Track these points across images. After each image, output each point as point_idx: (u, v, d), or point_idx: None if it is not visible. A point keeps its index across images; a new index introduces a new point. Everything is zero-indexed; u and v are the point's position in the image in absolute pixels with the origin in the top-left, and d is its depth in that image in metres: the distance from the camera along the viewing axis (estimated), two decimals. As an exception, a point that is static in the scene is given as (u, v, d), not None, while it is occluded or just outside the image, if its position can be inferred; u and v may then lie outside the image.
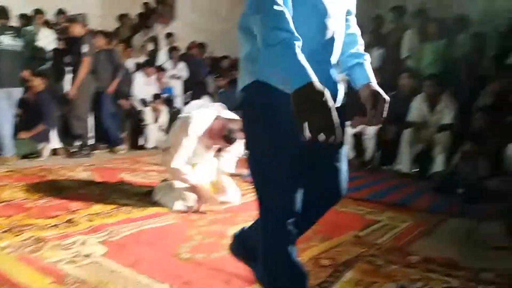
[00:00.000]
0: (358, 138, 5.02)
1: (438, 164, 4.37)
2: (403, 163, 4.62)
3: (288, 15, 1.08)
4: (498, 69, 4.81)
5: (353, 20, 1.44)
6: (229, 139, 2.93)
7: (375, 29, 6.11)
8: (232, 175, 3.38)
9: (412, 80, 5.13)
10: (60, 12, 6.67)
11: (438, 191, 3.75)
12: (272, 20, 1.06)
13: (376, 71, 5.55)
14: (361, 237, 2.59)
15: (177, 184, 3.02)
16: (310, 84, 0.98)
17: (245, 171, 2.96)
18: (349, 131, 5.01)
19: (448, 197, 3.58)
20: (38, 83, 4.94)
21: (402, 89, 5.15)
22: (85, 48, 4.96)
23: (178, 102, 7.12)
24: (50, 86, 5.17)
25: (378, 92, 1.31)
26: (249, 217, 2.73)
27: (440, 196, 3.64)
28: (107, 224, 2.56)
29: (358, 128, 5.01)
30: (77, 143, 5.17)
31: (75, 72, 5.07)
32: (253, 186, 1.29)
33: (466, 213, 3.15)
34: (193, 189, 2.96)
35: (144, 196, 3.24)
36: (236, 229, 2.57)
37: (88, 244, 2.24)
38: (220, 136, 2.95)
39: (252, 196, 2.75)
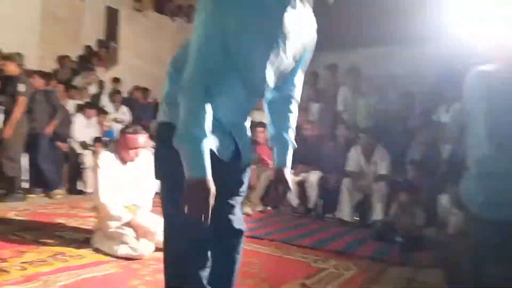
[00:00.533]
0: (301, 185, 5.15)
1: (377, 212, 4.56)
2: (345, 211, 4.77)
3: (208, 110, 1.23)
4: (426, 124, 5.23)
5: (285, 101, 1.54)
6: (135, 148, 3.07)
7: (313, 84, 6.49)
8: None
9: (348, 131, 5.43)
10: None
11: (379, 239, 3.89)
12: (194, 113, 1.22)
13: (316, 123, 5.81)
14: (307, 285, 2.60)
15: (115, 226, 2.92)
16: (203, 180, 1.19)
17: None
18: (293, 178, 5.14)
19: (388, 245, 3.72)
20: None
21: (340, 139, 5.44)
22: (21, 88, 4.74)
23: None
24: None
25: (284, 180, 1.51)
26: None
27: (381, 244, 3.78)
28: (42, 273, 2.37)
29: (300, 176, 5.15)
30: (9, 186, 4.80)
31: (8, 112, 4.80)
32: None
33: (405, 261, 3.28)
34: (128, 225, 2.92)
35: (82, 243, 3.05)
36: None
37: (21, 295, 2.05)
38: (128, 148, 3.07)
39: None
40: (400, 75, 6.33)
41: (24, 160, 5.12)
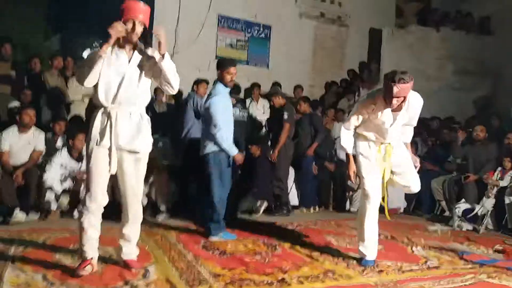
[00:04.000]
0: None
1: None
2: None
3: None
4: None
5: None
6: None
7: None
8: None
9: None
10: (275, 84, 7.37)
11: None
12: None
13: None
14: None
15: None
16: None
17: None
18: None
19: None
20: (254, 151, 5.47)
21: None
22: (285, 116, 5.36)
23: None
24: (264, 153, 5.63)
25: None
26: None
27: None
28: (315, 289, 2.59)
29: None
30: (276, 202, 5.43)
31: (276, 137, 5.43)
32: None
33: None
34: None
35: (350, 264, 3.19)
36: None
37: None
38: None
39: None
40: None
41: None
